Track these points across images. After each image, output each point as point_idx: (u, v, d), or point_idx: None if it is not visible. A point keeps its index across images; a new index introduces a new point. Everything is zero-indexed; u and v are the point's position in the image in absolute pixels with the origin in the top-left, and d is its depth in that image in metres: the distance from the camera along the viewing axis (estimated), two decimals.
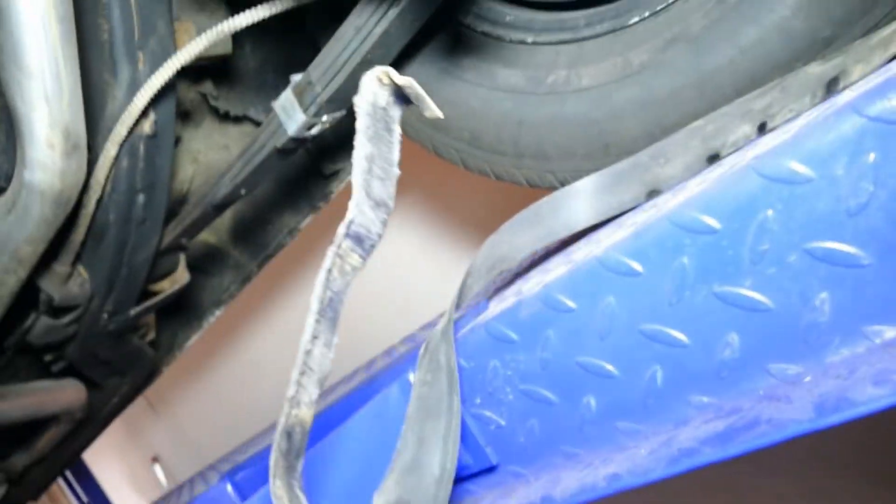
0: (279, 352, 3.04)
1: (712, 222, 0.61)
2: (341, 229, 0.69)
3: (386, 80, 0.68)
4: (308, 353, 0.69)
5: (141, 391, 2.14)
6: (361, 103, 0.68)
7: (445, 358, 0.73)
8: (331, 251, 0.70)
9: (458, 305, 0.89)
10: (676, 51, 0.85)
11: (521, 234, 0.92)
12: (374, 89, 0.68)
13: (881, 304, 0.54)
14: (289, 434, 0.69)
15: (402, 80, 0.66)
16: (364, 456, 0.81)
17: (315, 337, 0.69)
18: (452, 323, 0.78)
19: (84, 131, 0.95)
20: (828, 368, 0.57)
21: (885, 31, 0.66)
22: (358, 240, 0.70)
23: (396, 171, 0.71)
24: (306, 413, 0.71)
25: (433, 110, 0.67)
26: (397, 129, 0.71)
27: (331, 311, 0.70)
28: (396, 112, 0.70)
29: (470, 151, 1.09)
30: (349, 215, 0.69)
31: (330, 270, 0.69)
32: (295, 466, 0.72)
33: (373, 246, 0.72)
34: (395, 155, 0.71)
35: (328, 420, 0.93)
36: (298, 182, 1.63)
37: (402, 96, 0.69)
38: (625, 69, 0.90)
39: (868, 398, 0.49)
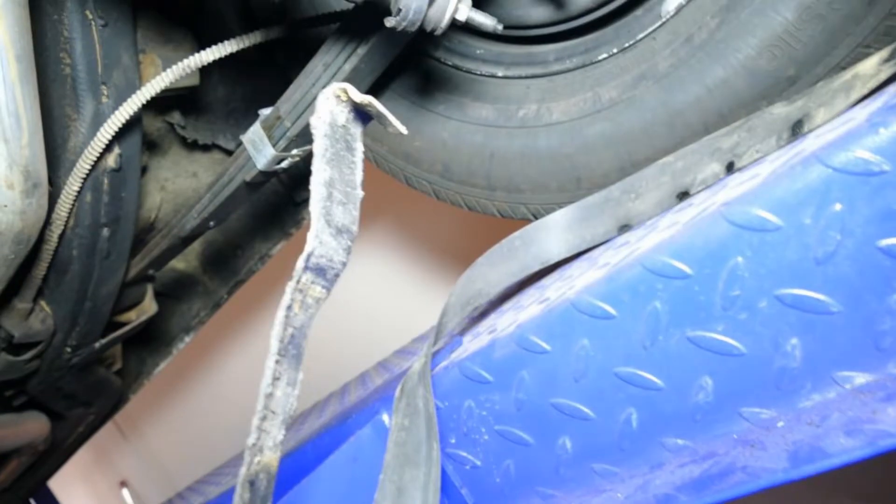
0: (250, 376, 2.99)
1: (684, 267, 0.61)
2: (300, 263, 0.66)
3: (344, 97, 0.64)
4: (269, 396, 0.66)
5: (107, 420, 2.09)
6: (318, 124, 0.64)
7: (423, 402, 0.72)
8: (290, 287, 0.66)
9: (434, 345, 0.88)
10: (645, 87, 0.86)
11: (494, 270, 0.91)
12: (331, 108, 0.64)
13: (851, 351, 0.54)
14: (251, 483, 0.66)
15: (361, 97, 0.62)
16: (338, 499, 0.80)
17: (276, 378, 0.66)
18: (430, 365, 0.77)
19: (45, 169, 0.92)
20: (800, 414, 0.57)
21: (846, 75, 0.67)
22: (320, 271, 0.67)
23: (360, 194, 0.67)
24: (271, 457, 0.68)
25: (396, 126, 0.64)
26: (359, 148, 0.67)
27: (293, 349, 0.67)
28: (357, 130, 0.66)
29: (442, 183, 1.08)
30: (308, 247, 0.65)
31: (290, 307, 0.66)
32: None
33: (337, 275, 0.69)
34: (358, 176, 0.67)
35: (301, 462, 0.91)
36: (270, 209, 1.61)
37: (361, 113, 0.66)
38: (595, 104, 0.91)
39: (841, 449, 0.50)
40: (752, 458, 0.56)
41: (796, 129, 0.68)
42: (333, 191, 0.63)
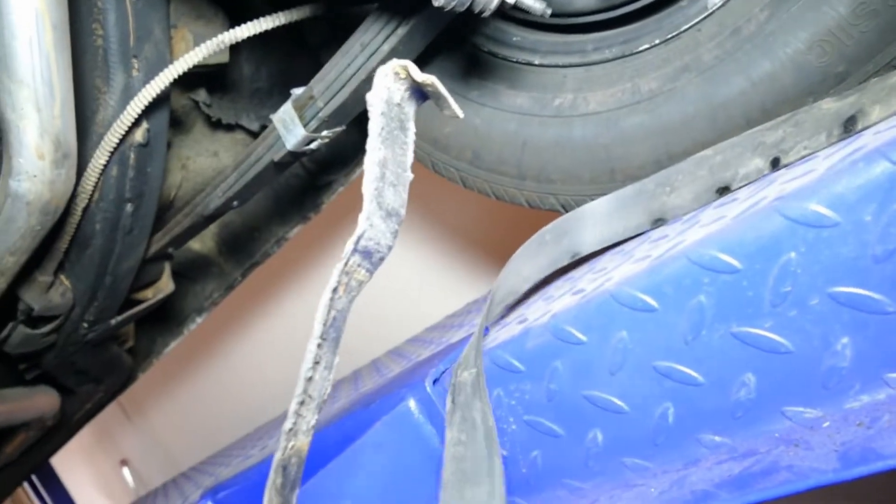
0: (255, 359, 2.99)
1: (733, 262, 0.60)
2: (349, 245, 0.64)
3: (403, 74, 0.61)
4: (309, 380, 0.65)
5: (115, 397, 2.09)
6: (375, 101, 0.61)
7: (481, 416, 0.68)
8: (337, 269, 0.64)
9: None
10: (687, 80, 0.85)
11: (526, 265, 0.90)
12: (388, 84, 0.61)
13: None
14: (284, 468, 0.65)
15: (423, 76, 0.60)
16: (363, 487, 0.79)
17: (317, 362, 0.65)
18: (484, 377, 0.74)
19: (75, 140, 0.91)
20: (847, 414, 0.56)
21: None
22: (367, 254, 0.65)
23: (409, 176, 0.65)
24: (304, 441, 0.67)
25: (454, 109, 0.62)
26: (412, 128, 0.64)
27: (333, 332, 0.66)
28: (411, 109, 0.64)
29: (470, 171, 1.07)
30: (359, 229, 0.63)
31: (335, 290, 0.65)
32: (290, 500, 0.69)
33: (382, 258, 0.67)
34: (409, 157, 0.65)
35: (322, 447, 0.90)
36: (289, 192, 1.60)
37: (418, 92, 0.64)
38: (634, 95, 0.89)
39: (893, 452, 0.49)
40: (798, 458, 0.55)
41: (849, 126, 0.67)
42: (386, 171, 0.62)
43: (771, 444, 0.59)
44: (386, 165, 0.62)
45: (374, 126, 0.61)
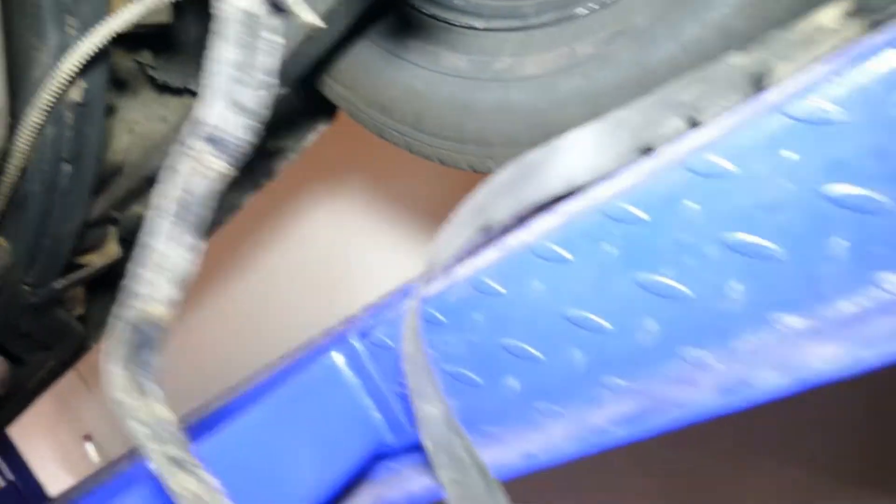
0: (216, 331, 2.98)
1: (640, 213, 0.62)
2: (186, 127, 0.67)
3: None
4: (149, 248, 0.65)
5: (69, 366, 2.07)
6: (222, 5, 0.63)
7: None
8: (175, 149, 0.67)
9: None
10: (621, 44, 0.86)
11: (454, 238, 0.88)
12: None
13: (790, 295, 0.56)
14: (134, 326, 0.63)
15: None
16: (284, 439, 0.79)
17: (162, 234, 0.66)
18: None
19: (5, 97, 0.90)
20: (736, 354, 0.58)
21: (807, 28, 0.68)
22: (215, 141, 0.67)
23: (271, 81, 0.66)
24: (161, 310, 0.65)
25: (311, 18, 0.63)
26: (267, 36, 0.65)
27: (187, 214, 0.67)
28: (273, 22, 0.65)
29: (414, 135, 1.08)
30: (196, 112, 0.66)
31: (174, 168, 0.67)
32: (147, 360, 0.66)
33: (241, 152, 0.70)
34: (269, 64, 0.66)
35: (242, 406, 0.90)
36: None
37: (273, 4, 0.65)
38: (570, 59, 0.91)
39: (767, 385, 0.51)
40: (684, 395, 0.58)
41: (758, 83, 0.69)
42: (241, 74, 0.64)
43: (666, 384, 0.62)
44: (241, 68, 0.64)
45: (221, 29, 0.63)
